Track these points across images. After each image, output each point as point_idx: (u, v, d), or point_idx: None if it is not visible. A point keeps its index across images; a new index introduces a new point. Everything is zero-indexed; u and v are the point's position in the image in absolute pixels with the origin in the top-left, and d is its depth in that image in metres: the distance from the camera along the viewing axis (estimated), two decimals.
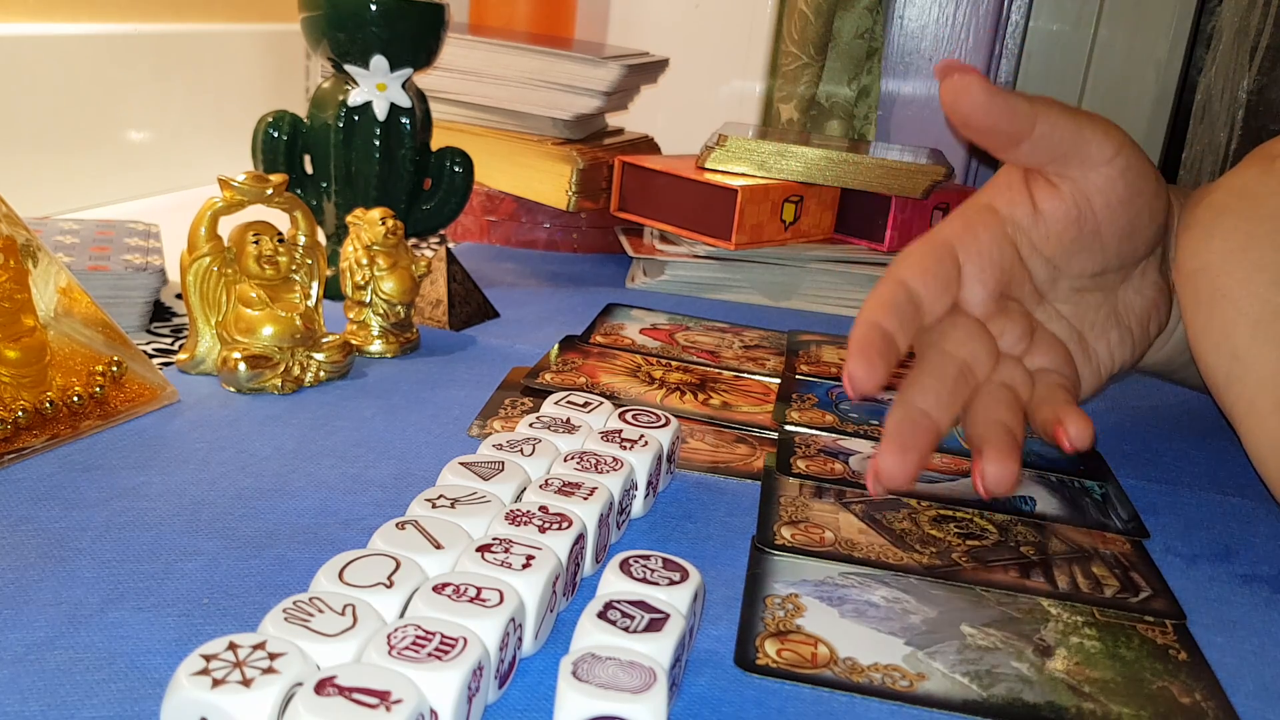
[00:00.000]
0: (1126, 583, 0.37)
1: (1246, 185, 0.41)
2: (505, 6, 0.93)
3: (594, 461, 0.38)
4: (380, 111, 0.57)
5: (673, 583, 0.31)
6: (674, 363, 0.55)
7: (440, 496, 0.35)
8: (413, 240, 0.70)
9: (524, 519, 0.33)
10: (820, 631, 0.33)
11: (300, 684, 0.25)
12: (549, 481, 0.36)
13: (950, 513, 0.41)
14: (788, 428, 0.48)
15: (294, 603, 0.28)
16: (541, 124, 0.73)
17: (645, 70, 0.77)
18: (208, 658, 0.25)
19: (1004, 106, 0.41)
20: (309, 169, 0.60)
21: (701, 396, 0.51)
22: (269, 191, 0.48)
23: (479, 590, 0.29)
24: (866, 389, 0.38)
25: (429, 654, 0.26)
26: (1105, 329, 0.46)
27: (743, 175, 0.67)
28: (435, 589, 0.29)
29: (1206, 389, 0.51)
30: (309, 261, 0.50)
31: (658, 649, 0.28)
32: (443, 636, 0.27)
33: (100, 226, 0.61)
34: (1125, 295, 0.46)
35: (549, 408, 0.44)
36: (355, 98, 0.57)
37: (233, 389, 0.47)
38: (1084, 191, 0.43)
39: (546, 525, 0.33)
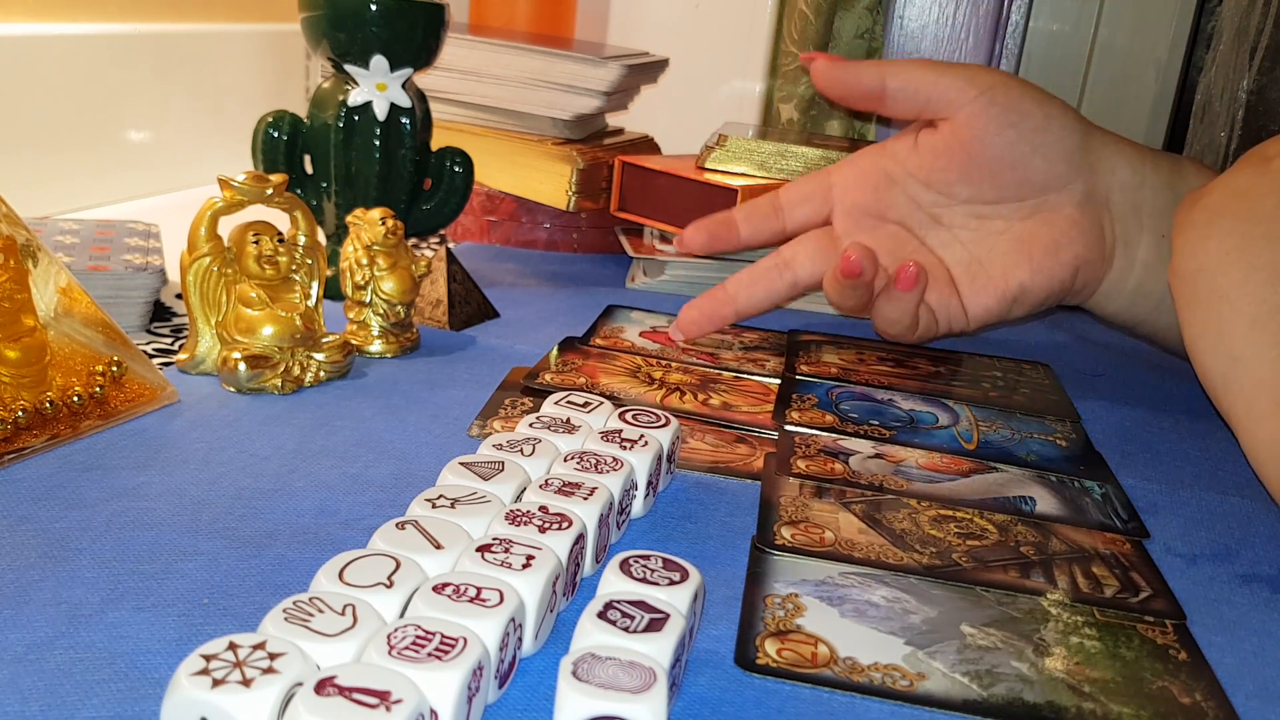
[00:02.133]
0: (1126, 583, 0.37)
1: (1242, 186, 0.42)
2: (505, 6, 0.93)
3: (594, 461, 0.38)
4: (380, 111, 0.57)
5: (673, 583, 0.31)
6: (674, 363, 0.55)
7: (440, 496, 0.35)
8: (413, 240, 0.70)
9: (524, 519, 0.33)
10: (820, 631, 0.33)
11: (300, 684, 0.25)
12: (549, 481, 0.36)
13: (950, 513, 0.41)
14: (788, 428, 0.48)
15: (294, 603, 0.28)
16: (541, 124, 0.73)
17: (645, 70, 0.77)
18: (208, 658, 0.25)
19: (851, 73, 0.52)
20: (309, 169, 0.60)
21: (701, 397, 0.51)
22: (269, 191, 0.48)
23: (479, 590, 0.29)
24: (687, 241, 0.56)
25: (429, 654, 0.26)
26: (1003, 252, 0.53)
27: (743, 175, 0.67)
28: (435, 589, 0.29)
29: (1175, 350, 0.53)
30: (309, 261, 0.50)
31: (658, 649, 0.28)
32: (443, 636, 0.27)
33: (100, 226, 0.61)
34: (1030, 225, 0.53)
35: (549, 408, 0.44)
36: (355, 98, 0.57)
37: (233, 389, 0.47)
38: (955, 127, 0.52)
39: (546, 525, 0.33)
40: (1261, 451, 0.38)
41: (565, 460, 0.38)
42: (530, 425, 0.41)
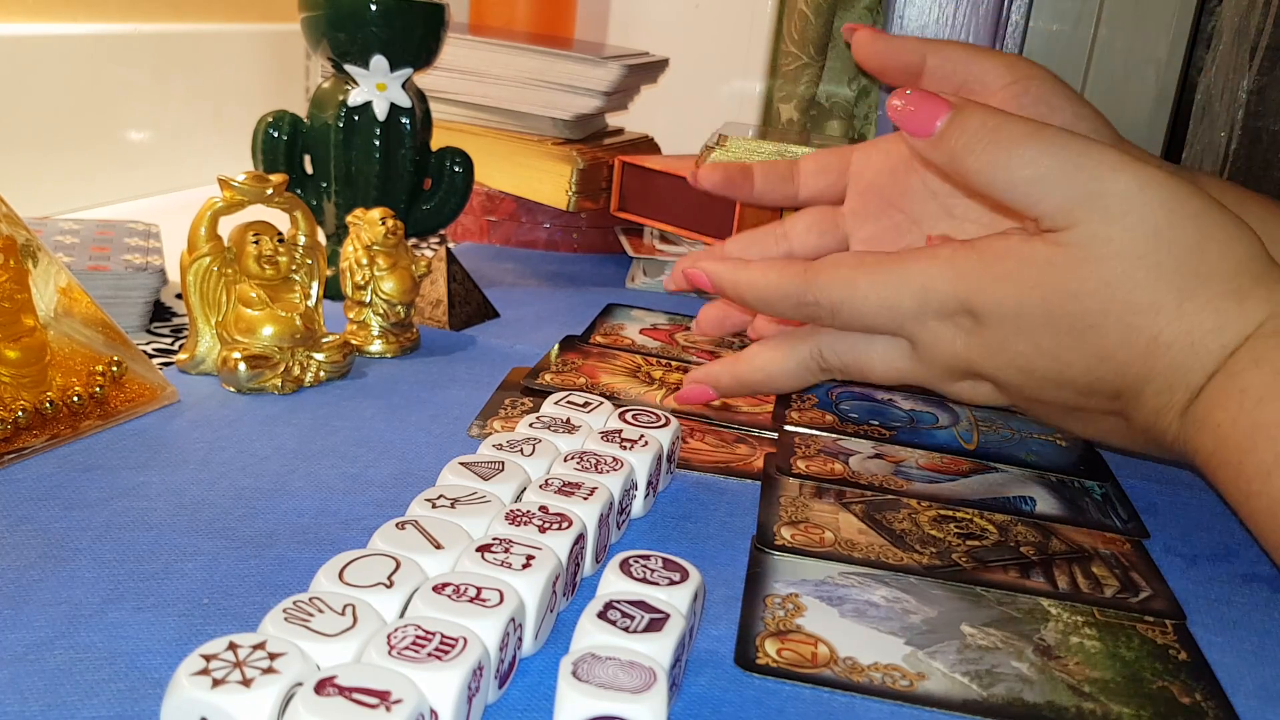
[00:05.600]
0: (1126, 583, 0.37)
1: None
2: (505, 6, 0.93)
3: (594, 461, 0.38)
4: (380, 111, 0.57)
5: (673, 583, 0.31)
6: (674, 363, 0.55)
7: (440, 496, 0.35)
8: (413, 240, 0.70)
9: (524, 519, 0.33)
10: (820, 631, 0.33)
11: (300, 684, 0.25)
12: (549, 481, 0.36)
13: (950, 513, 0.41)
14: (788, 428, 0.48)
15: (294, 603, 0.28)
16: (541, 124, 0.73)
17: (645, 70, 0.77)
18: (208, 658, 0.25)
19: (893, 47, 0.50)
20: (309, 169, 0.60)
21: None
22: (269, 191, 0.48)
23: (479, 590, 0.29)
24: (702, 177, 0.54)
25: (429, 654, 0.26)
26: None
27: None
28: (435, 589, 0.29)
29: None
30: (309, 261, 0.50)
31: (658, 649, 0.28)
32: (443, 636, 0.27)
33: (100, 226, 0.61)
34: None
35: (549, 408, 0.44)
36: (355, 98, 0.57)
37: (233, 389, 0.47)
38: None
39: (546, 525, 0.33)
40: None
41: (565, 460, 0.38)
42: (530, 425, 0.41)
